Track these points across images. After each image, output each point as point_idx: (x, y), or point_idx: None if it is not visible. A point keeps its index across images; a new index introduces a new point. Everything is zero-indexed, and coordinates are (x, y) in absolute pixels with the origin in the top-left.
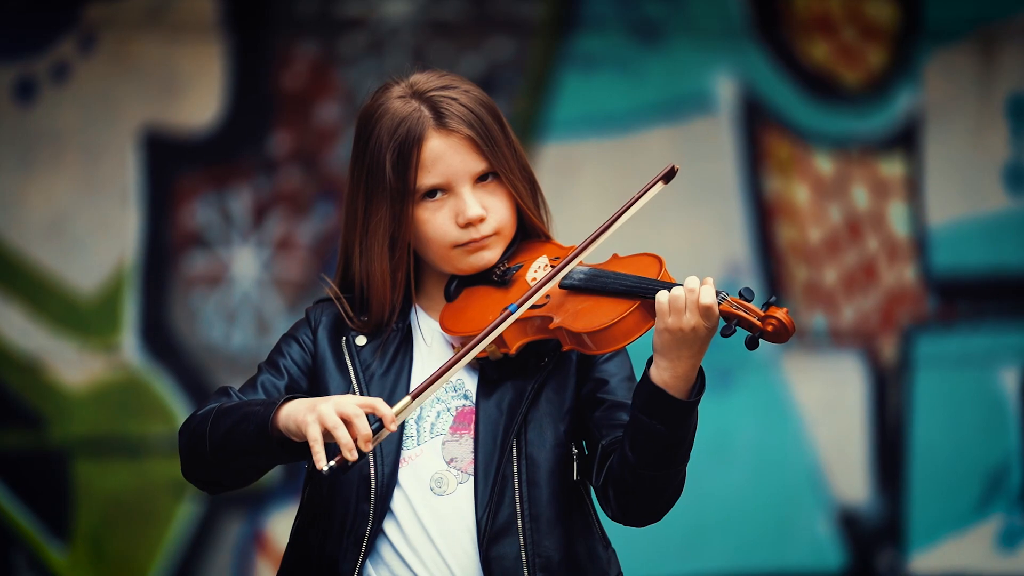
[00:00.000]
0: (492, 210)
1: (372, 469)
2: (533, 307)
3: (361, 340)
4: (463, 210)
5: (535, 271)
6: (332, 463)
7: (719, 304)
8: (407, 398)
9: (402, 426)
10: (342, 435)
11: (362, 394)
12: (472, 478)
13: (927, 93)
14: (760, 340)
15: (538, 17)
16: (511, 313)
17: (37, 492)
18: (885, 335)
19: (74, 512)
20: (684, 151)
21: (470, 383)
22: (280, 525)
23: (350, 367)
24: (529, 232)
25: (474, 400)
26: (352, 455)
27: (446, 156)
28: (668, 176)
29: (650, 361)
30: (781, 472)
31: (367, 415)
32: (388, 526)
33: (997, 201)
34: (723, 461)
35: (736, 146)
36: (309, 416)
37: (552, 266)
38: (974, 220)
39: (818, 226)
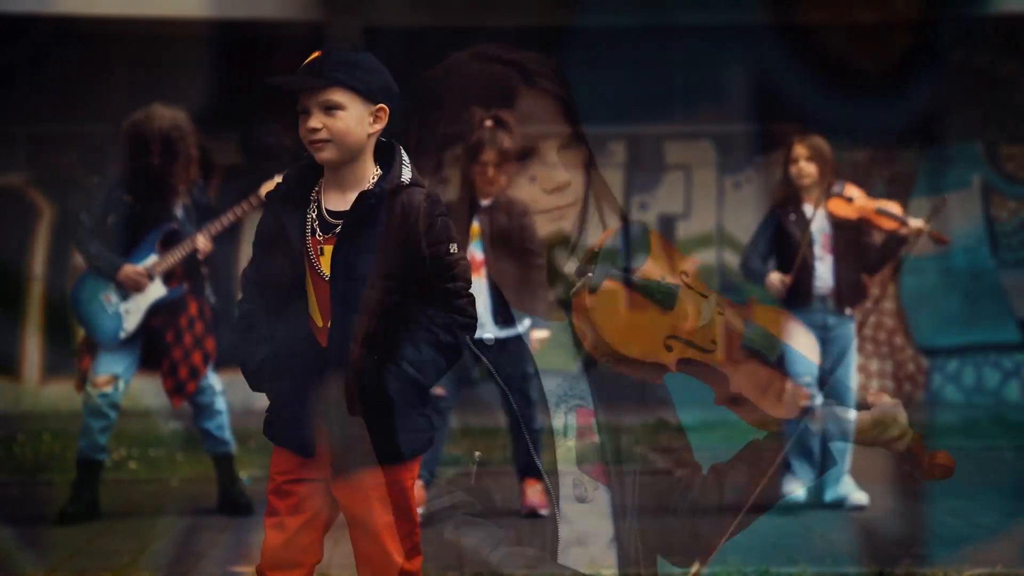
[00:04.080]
0: None
1: None
2: (701, 350)
3: None
4: None
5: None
6: None
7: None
8: None
9: None
10: None
11: None
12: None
13: (950, 84)
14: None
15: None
16: None
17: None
18: (904, 336)
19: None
20: (694, 144)
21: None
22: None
23: None
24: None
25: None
26: None
27: None
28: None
29: None
30: None
31: None
32: None
33: None
34: None
35: (749, 138)
36: None
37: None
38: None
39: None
